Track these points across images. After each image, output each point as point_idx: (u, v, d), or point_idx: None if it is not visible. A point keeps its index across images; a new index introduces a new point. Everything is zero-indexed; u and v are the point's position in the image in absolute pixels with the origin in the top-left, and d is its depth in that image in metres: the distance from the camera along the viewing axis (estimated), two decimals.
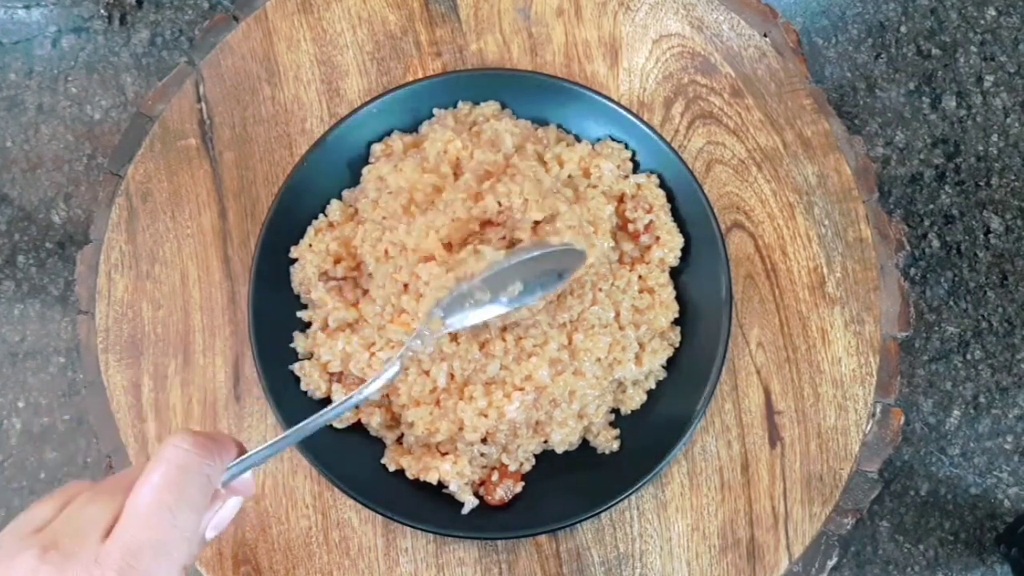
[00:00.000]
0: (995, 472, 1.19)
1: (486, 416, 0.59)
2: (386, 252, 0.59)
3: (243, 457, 0.39)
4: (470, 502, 0.60)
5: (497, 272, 0.55)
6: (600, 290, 0.61)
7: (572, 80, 0.67)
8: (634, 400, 0.63)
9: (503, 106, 0.66)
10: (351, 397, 0.49)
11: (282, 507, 0.64)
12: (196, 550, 0.37)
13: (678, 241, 0.63)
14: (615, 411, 0.64)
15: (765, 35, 0.71)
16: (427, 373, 0.60)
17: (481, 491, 0.61)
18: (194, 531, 0.36)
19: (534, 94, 0.65)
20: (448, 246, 0.58)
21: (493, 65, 0.71)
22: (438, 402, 0.60)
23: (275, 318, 0.62)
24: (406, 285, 0.58)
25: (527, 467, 0.62)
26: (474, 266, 0.56)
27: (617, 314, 0.61)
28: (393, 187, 0.61)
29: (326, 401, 0.62)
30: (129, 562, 0.33)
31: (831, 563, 0.63)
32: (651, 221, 0.63)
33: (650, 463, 0.60)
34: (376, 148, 0.65)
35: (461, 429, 0.59)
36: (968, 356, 1.21)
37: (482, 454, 0.61)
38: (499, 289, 0.55)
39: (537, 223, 0.59)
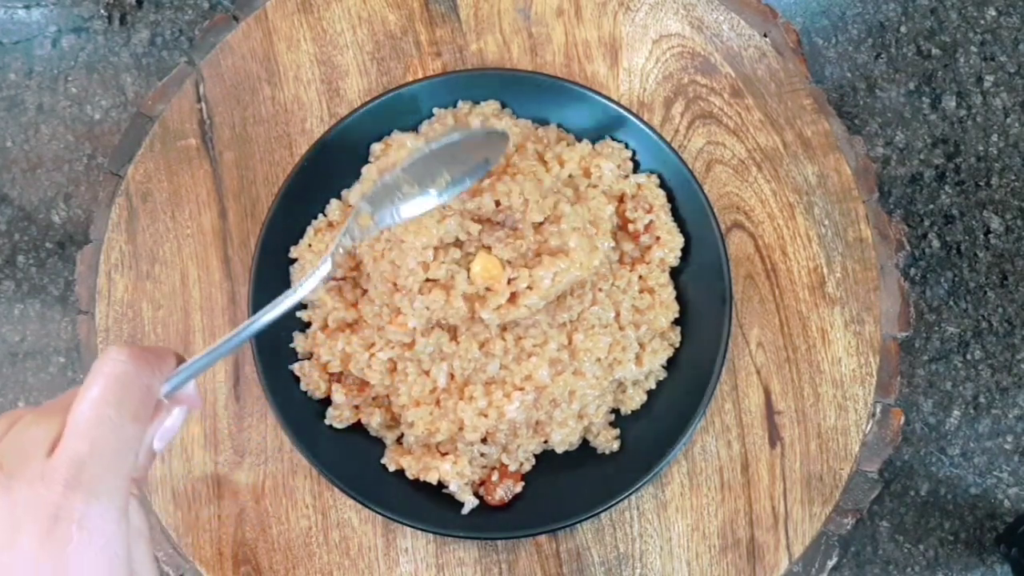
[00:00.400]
0: (995, 472, 1.19)
1: (486, 416, 0.59)
2: (383, 252, 0.59)
3: (183, 366, 0.39)
4: (470, 502, 0.60)
5: (419, 160, 0.53)
6: (600, 290, 0.61)
7: (572, 80, 0.67)
8: (634, 400, 0.63)
9: (503, 106, 0.66)
10: (284, 297, 0.47)
11: (282, 507, 0.64)
12: (144, 461, 0.36)
13: (678, 241, 0.63)
14: (615, 411, 0.64)
15: (765, 35, 0.71)
16: (427, 373, 0.60)
17: (481, 491, 0.61)
18: (138, 441, 0.35)
19: (534, 94, 0.65)
20: (443, 246, 0.58)
21: (493, 65, 0.71)
22: (438, 402, 0.60)
23: (275, 318, 0.62)
24: (395, 283, 0.58)
25: (527, 467, 0.62)
26: (395, 155, 0.55)
27: (617, 314, 0.61)
28: None
29: (326, 401, 0.62)
30: (75, 475, 0.32)
31: (831, 563, 0.63)
32: (651, 221, 0.63)
33: (650, 463, 0.60)
34: (376, 148, 0.65)
35: (461, 429, 0.59)
36: (968, 356, 1.21)
37: (482, 454, 0.61)
38: (426, 180, 0.53)
39: (539, 224, 0.59)
